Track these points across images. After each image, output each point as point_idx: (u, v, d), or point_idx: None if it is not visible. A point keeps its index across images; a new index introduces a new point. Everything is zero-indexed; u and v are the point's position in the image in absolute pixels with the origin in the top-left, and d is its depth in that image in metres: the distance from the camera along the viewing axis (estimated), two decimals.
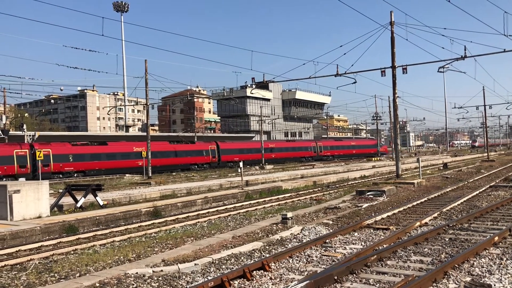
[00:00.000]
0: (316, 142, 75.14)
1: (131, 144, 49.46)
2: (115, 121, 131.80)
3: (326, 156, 73.20)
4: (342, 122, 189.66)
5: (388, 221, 12.93)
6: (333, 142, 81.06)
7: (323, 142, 77.60)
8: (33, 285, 8.49)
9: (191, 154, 53.76)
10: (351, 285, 7.03)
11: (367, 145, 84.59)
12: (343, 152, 76.86)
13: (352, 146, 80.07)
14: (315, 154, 71.80)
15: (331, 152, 74.60)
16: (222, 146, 57.81)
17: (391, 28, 24.35)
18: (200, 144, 56.59)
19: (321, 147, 72.76)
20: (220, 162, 56.62)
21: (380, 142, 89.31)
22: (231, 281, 7.25)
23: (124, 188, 29.52)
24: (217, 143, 57.63)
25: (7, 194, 15.97)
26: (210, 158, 55.80)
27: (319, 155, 72.72)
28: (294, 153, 68.37)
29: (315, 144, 73.24)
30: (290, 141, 73.77)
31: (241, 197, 23.47)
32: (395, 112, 25.89)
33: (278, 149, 65.95)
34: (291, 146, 69.83)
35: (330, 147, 75.31)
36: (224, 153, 57.59)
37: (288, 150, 68.04)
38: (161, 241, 12.17)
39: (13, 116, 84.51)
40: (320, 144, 73.81)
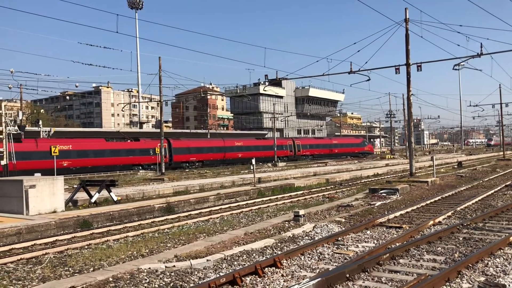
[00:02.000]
0: (293, 140, 69.97)
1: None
2: (129, 118, 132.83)
3: (305, 155, 68.39)
4: (355, 120, 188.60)
5: (401, 220, 12.85)
6: (313, 140, 76.41)
7: (301, 140, 72.44)
8: (48, 278, 8.61)
9: (134, 153, 47.21)
10: (363, 283, 7.01)
11: (351, 144, 79.42)
12: (324, 151, 72.54)
13: (334, 145, 75.19)
14: (291, 154, 66.73)
15: (311, 151, 70.03)
16: (175, 145, 51.23)
17: (406, 25, 24.12)
18: (146, 142, 49.24)
19: (299, 146, 67.84)
20: (172, 162, 49.90)
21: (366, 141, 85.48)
22: (243, 277, 7.27)
23: (137, 184, 29.76)
24: (168, 141, 50.58)
25: (23, 189, 16.21)
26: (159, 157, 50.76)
27: (297, 154, 67.82)
28: (265, 152, 61.41)
29: (291, 143, 67.98)
30: (260, 139, 67.20)
31: (254, 194, 23.51)
32: (409, 110, 25.67)
33: (246, 148, 59.89)
34: (262, 144, 63.59)
35: (309, 145, 70.53)
36: (178, 153, 51.09)
37: (259, 149, 61.77)
38: (173, 237, 12.25)
39: (29, 112, 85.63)
40: (298, 143, 68.83)
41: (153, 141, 48.52)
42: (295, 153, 66.90)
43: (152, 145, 46.36)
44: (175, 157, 50.54)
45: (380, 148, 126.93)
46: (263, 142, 64.32)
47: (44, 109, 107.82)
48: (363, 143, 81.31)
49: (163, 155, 37.78)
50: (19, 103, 61.40)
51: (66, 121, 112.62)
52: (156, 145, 47.42)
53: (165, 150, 47.83)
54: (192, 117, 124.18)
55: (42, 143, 40.34)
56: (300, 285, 6.37)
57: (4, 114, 29.87)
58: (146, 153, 47.21)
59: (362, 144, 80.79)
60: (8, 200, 16.80)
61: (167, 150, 48.86)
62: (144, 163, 47.62)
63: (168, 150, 49.70)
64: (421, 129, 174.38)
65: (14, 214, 16.11)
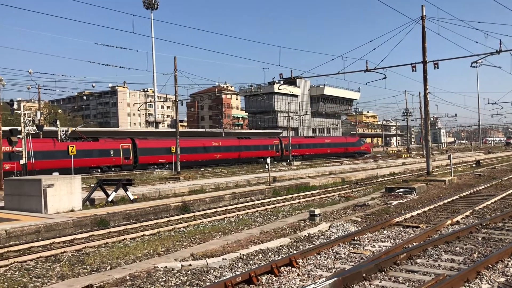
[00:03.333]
0: (280, 139, 65.03)
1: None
2: (145, 117, 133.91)
3: (293, 156, 62.82)
4: (371, 119, 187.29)
5: (418, 219, 12.71)
6: (303, 139, 71.05)
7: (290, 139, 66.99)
8: (66, 276, 8.73)
9: (92, 155, 42.77)
10: (380, 283, 6.96)
11: (345, 143, 74.94)
12: (315, 151, 68.13)
13: (327, 144, 70.68)
14: (278, 154, 61.78)
15: (300, 151, 65.10)
16: (141, 145, 47.22)
17: (423, 22, 23.86)
18: (107, 142, 44.90)
19: (287, 146, 62.54)
20: (137, 164, 46.33)
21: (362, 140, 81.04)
22: (259, 276, 7.27)
23: (153, 183, 29.98)
24: (133, 141, 46.93)
25: (42, 188, 16.45)
26: (122, 159, 44.98)
27: (284, 154, 62.19)
28: (247, 152, 57.74)
29: (278, 142, 63.36)
30: (242, 139, 61.40)
31: (269, 193, 23.49)
32: (426, 108, 25.38)
33: (226, 148, 55.71)
34: (243, 144, 58.69)
35: (298, 145, 65.68)
36: (144, 153, 47.18)
37: (240, 149, 57.47)
38: (189, 235, 12.30)
39: (47, 112, 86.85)
40: (286, 142, 63.39)
41: (114, 141, 45.39)
42: (282, 153, 62.54)
43: (113, 146, 43.59)
44: (141, 158, 46.76)
45: (396, 147, 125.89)
46: (247, 142, 59.61)
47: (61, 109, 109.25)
48: (359, 142, 77.48)
49: (178, 154, 38.00)
50: (37, 103, 62.33)
51: (83, 121, 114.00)
52: (118, 145, 44.44)
53: (128, 151, 45.25)
54: (207, 116, 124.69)
55: None
56: (316, 284, 6.35)
57: (23, 114, 30.34)
58: (106, 155, 43.58)
59: (358, 143, 76.80)
60: (27, 198, 17.07)
61: (130, 151, 45.83)
62: (104, 165, 43.34)
63: (133, 150, 46.25)
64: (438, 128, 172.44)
65: (33, 212, 16.36)
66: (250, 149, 58.30)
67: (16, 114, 32.00)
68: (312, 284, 6.40)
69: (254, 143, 59.64)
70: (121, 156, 44.70)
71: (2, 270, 9.58)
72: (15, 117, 46.70)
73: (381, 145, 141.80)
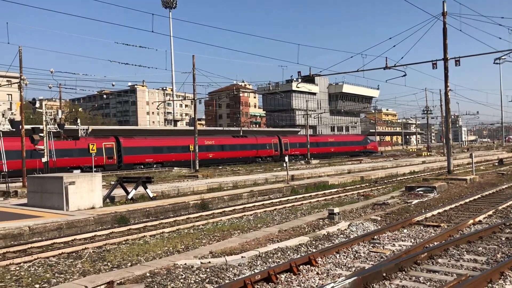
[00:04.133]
0: (280, 138, 61.40)
1: None
2: (163, 116, 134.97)
3: (294, 155, 60.26)
4: (390, 116, 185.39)
5: (439, 218, 12.54)
6: (304, 138, 66.19)
7: (290, 138, 64.05)
8: (88, 272, 8.86)
9: (72, 154, 40.10)
10: (400, 282, 6.88)
11: (350, 142, 71.49)
12: (318, 150, 64.20)
13: (330, 143, 67.68)
14: (277, 153, 58.78)
15: (301, 150, 61.62)
16: (125, 144, 44.58)
17: (443, 18, 23.48)
18: (88, 141, 41.45)
19: (286, 145, 60.41)
20: (121, 164, 43.89)
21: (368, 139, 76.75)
22: (278, 274, 7.26)
23: (172, 180, 30.21)
24: (117, 139, 44.44)
25: (63, 186, 16.72)
26: (105, 159, 42.60)
27: (284, 154, 57.01)
28: (243, 152, 55.01)
29: (277, 141, 60.23)
30: (238, 137, 58.30)
31: (287, 191, 23.45)
32: (446, 106, 24.99)
33: (220, 147, 52.94)
34: (239, 143, 55.79)
35: (299, 144, 62.70)
36: (129, 153, 44.51)
37: (235, 148, 54.71)
38: (208, 233, 12.37)
39: (68, 111, 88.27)
40: (286, 141, 61.04)
41: (96, 140, 42.40)
42: (281, 152, 59.19)
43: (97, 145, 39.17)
44: (126, 158, 44.07)
45: (416, 145, 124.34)
46: (243, 141, 56.89)
47: (82, 108, 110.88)
48: (365, 141, 73.83)
49: (197, 152, 38.20)
50: (58, 102, 63.37)
51: (103, 119, 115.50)
52: (100, 144, 41.34)
53: (111, 151, 43.06)
54: (225, 114, 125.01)
55: None
56: (336, 283, 6.30)
57: (45, 113, 30.87)
58: (87, 154, 38.91)
59: (364, 142, 73.32)
60: (49, 196, 17.38)
61: (114, 150, 43.59)
62: (84, 165, 40.11)
63: (117, 150, 43.98)
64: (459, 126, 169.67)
65: (55, 209, 16.64)
66: (246, 148, 55.50)
67: (38, 112, 32.55)
68: (331, 283, 6.36)
69: (250, 142, 56.76)
70: (104, 156, 42.54)
71: (26, 265, 9.78)
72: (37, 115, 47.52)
73: (401, 144, 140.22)
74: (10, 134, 29.89)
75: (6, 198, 22.50)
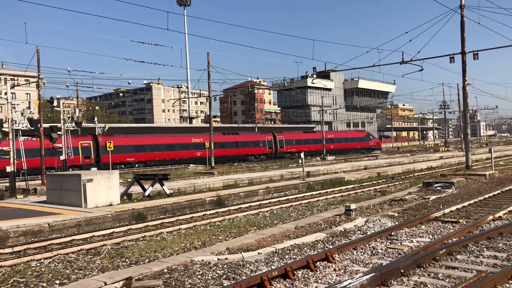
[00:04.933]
0: (274, 135, 57.91)
1: None
2: (179, 113, 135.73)
3: (290, 153, 56.75)
4: (407, 112, 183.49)
5: (457, 214, 12.38)
6: (301, 135, 63.49)
7: (285, 135, 60.26)
8: (106, 269, 8.96)
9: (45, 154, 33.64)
10: (419, 279, 6.81)
11: (351, 138, 67.85)
12: (316, 147, 60.11)
13: (329, 140, 63.58)
14: (271, 151, 56.00)
15: (298, 147, 57.40)
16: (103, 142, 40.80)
17: (461, 11, 23.13)
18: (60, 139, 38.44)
19: (282, 142, 57.38)
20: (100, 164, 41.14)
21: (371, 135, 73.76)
22: (294, 271, 7.26)
23: (188, 177, 30.38)
24: (95, 138, 42.17)
25: (81, 183, 16.94)
26: (81, 158, 40.58)
27: (279, 151, 56.98)
28: (234, 150, 52.00)
29: (271, 138, 56.85)
30: (228, 135, 54.42)
31: (303, 188, 23.40)
32: (464, 100, 24.64)
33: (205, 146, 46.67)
34: (230, 141, 52.61)
35: (295, 141, 59.78)
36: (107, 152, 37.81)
37: (226, 146, 51.60)
38: (225, 229, 12.41)
39: (85, 109, 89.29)
40: (281, 138, 57.80)
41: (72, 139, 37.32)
42: (276, 150, 56.89)
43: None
44: (105, 157, 39.94)
45: (433, 141, 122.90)
46: (233, 138, 53.64)
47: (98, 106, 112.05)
48: (367, 137, 70.44)
49: (212, 149, 38.33)
50: (75, 100, 64.16)
51: (119, 117, 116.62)
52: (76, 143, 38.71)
53: (88, 150, 41.28)
54: (240, 111, 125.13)
55: None
56: (353, 279, 6.27)
57: (62, 112, 31.29)
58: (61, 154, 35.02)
59: (366, 138, 69.82)
60: (68, 193, 17.63)
61: (91, 149, 41.69)
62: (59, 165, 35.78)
63: (95, 149, 42.09)
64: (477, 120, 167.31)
65: (73, 206, 16.88)
66: (237, 146, 52.64)
67: (56, 111, 33.00)
68: (349, 279, 6.33)
69: (242, 139, 53.76)
70: (80, 155, 40.68)
71: (47, 262, 9.94)
72: (55, 114, 48.15)
73: (418, 139, 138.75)
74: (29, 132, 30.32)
75: (26, 195, 22.90)
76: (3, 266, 9.69)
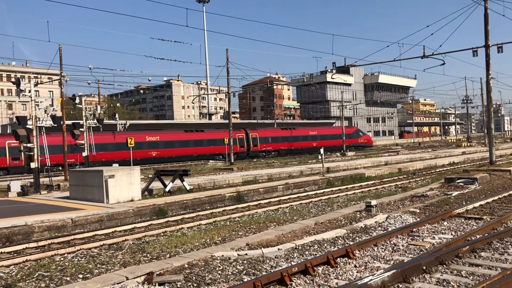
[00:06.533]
0: (247, 132, 52.69)
1: None
2: (198, 110, 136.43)
3: (265, 151, 52.25)
4: (428, 107, 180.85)
5: (481, 211, 12.16)
6: (278, 132, 57.38)
7: (260, 132, 54.49)
8: (128, 263, 9.08)
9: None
10: (441, 276, 6.71)
11: (337, 135, 60.78)
12: (295, 145, 56.14)
13: (312, 137, 58.27)
14: (242, 150, 51.15)
15: (274, 145, 53.69)
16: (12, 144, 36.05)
17: (485, 3, 22.63)
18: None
19: (255, 139, 52.24)
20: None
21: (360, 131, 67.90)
22: (315, 267, 7.23)
23: (208, 173, 30.54)
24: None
25: (103, 179, 17.19)
26: (8, 160, 36.97)
27: (253, 150, 51.92)
28: (197, 149, 47.55)
29: (243, 135, 51.73)
30: (191, 132, 49.48)
31: (322, 183, 23.29)
32: (488, 94, 24.14)
33: (166, 144, 45.22)
34: (193, 139, 48.09)
35: (271, 138, 54.70)
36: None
37: (188, 145, 47.44)
38: (244, 225, 12.45)
39: (106, 106, 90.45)
40: (255, 135, 52.53)
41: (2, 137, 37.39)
42: (248, 149, 52.07)
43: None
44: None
45: (455, 136, 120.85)
46: (197, 136, 49.03)
47: (119, 103, 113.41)
48: (356, 134, 64.63)
49: (231, 146, 38.46)
50: (97, 97, 65.06)
51: (140, 114, 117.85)
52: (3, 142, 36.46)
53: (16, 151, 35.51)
54: (259, 107, 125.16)
55: None
56: (374, 276, 6.22)
57: (84, 109, 31.76)
58: None
59: (355, 135, 63.97)
60: (90, 189, 17.91)
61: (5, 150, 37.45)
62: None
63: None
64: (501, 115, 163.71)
65: (95, 202, 17.15)
66: (201, 145, 48.27)
67: (78, 108, 33.51)
68: (370, 276, 6.28)
69: (207, 137, 49.33)
70: (7, 157, 37.87)
71: (70, 256, 10.13)
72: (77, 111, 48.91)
73: (439, 134, 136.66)
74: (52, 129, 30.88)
75: (49, 191, 23.35)
76: (28, 260, 9.91)
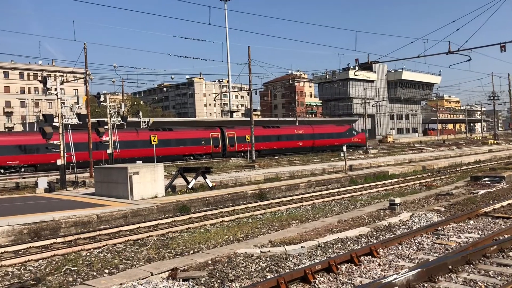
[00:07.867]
0: (222, 130, 48.72)
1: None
2: (220, 107, 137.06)
3: (244, 152, 47.55)
4: (453, 103, 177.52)
5: (509, 210, 11.90)
6: (261, 130, 51.12)
7: (238, 130, 49.62)
8: (153, 259, 9.21)
9: None
10: (468, 276, 6.61)
11: (328, 134, 56.22)
12: (279, 145, 52.15)
13: (298, 136, 53.92)
14: (217, 150, 47.21)
15: (257, 145, 46.61)
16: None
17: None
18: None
19: (232, 139, 48.35)
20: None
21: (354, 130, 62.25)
22: (338, 265, 7.21)
23: (230, 171, 30.66)
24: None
25: (128, 176, 17.44)
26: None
27: (229, 150, 47.94)
28: (166, 149, 42.73)
29: (218, 135, 47.67)
30: (158, 131, 44.44)
31: (345, 181, 23.13)
32: None
33: (125, 144, 38.62)
34: (161, 138, 40.56)
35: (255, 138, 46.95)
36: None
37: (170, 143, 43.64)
38: (267, 222, 12.47)
39: (130, 104, 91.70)
40: (232, 134, 48.53)
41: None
42: (224, 148, 48.01)
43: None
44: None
45: (481, 133, 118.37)
46: (165, 135, 44.22)
47: (143, 101, 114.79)
48: (349, 133, 59.17)
49: (253, 143, 38.50)
50: (121, 95, 65.94)
51: (163, 112, 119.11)
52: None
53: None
54: (280, 105, 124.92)
55: None
56: (399, 275, 6.17)
57: (109, 107, 32.25)
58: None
59: (347, 133, 58.50)
60: (115, 185, 18.19)
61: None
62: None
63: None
64: None
65: (120, 198, 17.42)
66: (170, 144, 43.97)
67: (102, 106, 34.05)
68: (394, 275, 6.23)
69: (178, 136, 45.42)
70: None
71: (96, 251, 10.33)
72: (101, 109, 49.72)
73: (464, 131, 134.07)
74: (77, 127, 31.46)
75: (75, 187, 23.82)
76: (56, 255, 10.14)
